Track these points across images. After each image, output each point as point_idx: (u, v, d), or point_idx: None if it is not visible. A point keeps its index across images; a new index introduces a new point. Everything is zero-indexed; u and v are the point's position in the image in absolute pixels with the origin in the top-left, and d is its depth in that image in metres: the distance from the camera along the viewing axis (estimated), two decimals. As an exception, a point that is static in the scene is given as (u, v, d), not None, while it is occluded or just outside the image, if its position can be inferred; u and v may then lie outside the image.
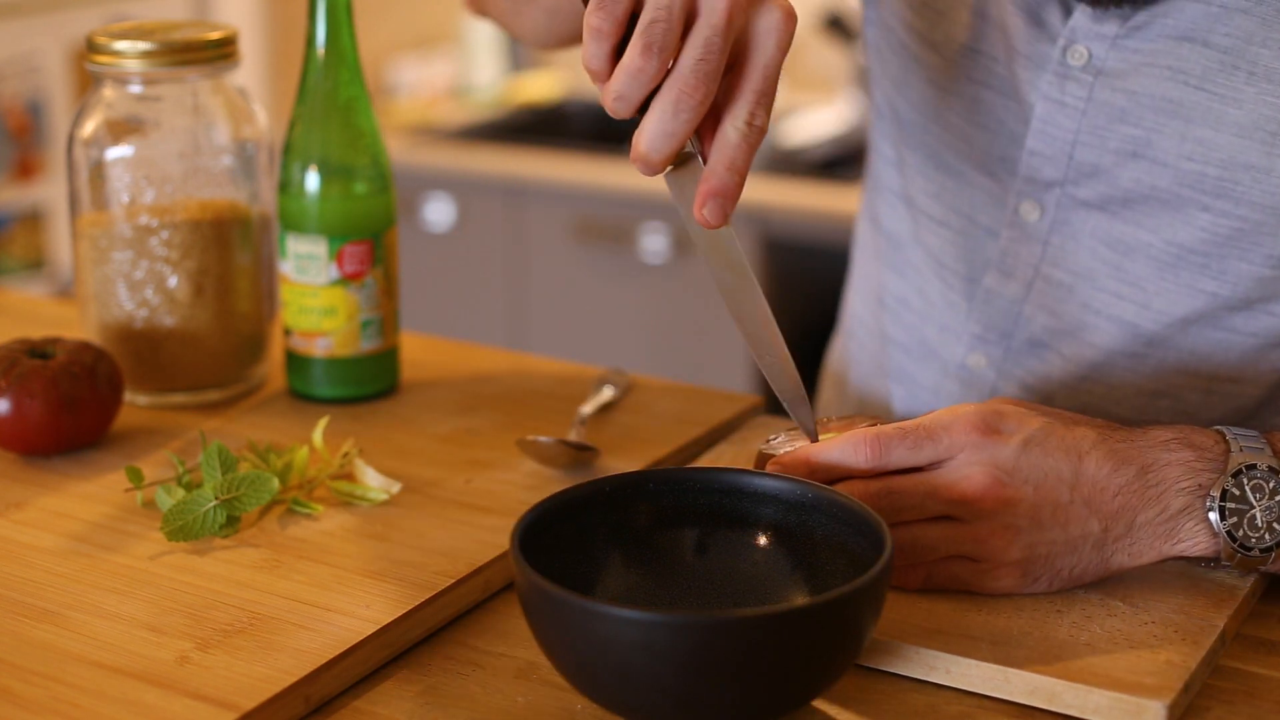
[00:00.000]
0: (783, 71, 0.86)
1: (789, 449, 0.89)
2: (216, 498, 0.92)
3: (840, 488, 0.84)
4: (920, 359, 1.18)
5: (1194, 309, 1.02)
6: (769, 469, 0.86)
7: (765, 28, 0.84)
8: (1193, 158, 0.98)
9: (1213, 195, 0.99)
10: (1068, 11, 1.02)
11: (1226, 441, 0.86)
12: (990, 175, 1.09)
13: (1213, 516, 0.84)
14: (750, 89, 0.84)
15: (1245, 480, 0.85)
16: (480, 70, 3.40)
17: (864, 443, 0.85)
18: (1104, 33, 1.00)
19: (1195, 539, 0.85)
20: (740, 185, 0.84)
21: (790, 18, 0.84)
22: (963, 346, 1.12)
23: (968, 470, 0.84)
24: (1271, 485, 0.85)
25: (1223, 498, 0.84)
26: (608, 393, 1.13)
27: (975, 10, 1.07)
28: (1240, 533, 0.84)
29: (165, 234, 1.10)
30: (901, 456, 0.85)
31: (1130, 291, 1.04)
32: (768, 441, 0.91)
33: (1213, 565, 0.87)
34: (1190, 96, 0.98)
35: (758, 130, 0.84)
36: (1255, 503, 0.85)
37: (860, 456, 0.85)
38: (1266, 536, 0.84)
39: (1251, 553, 0.84)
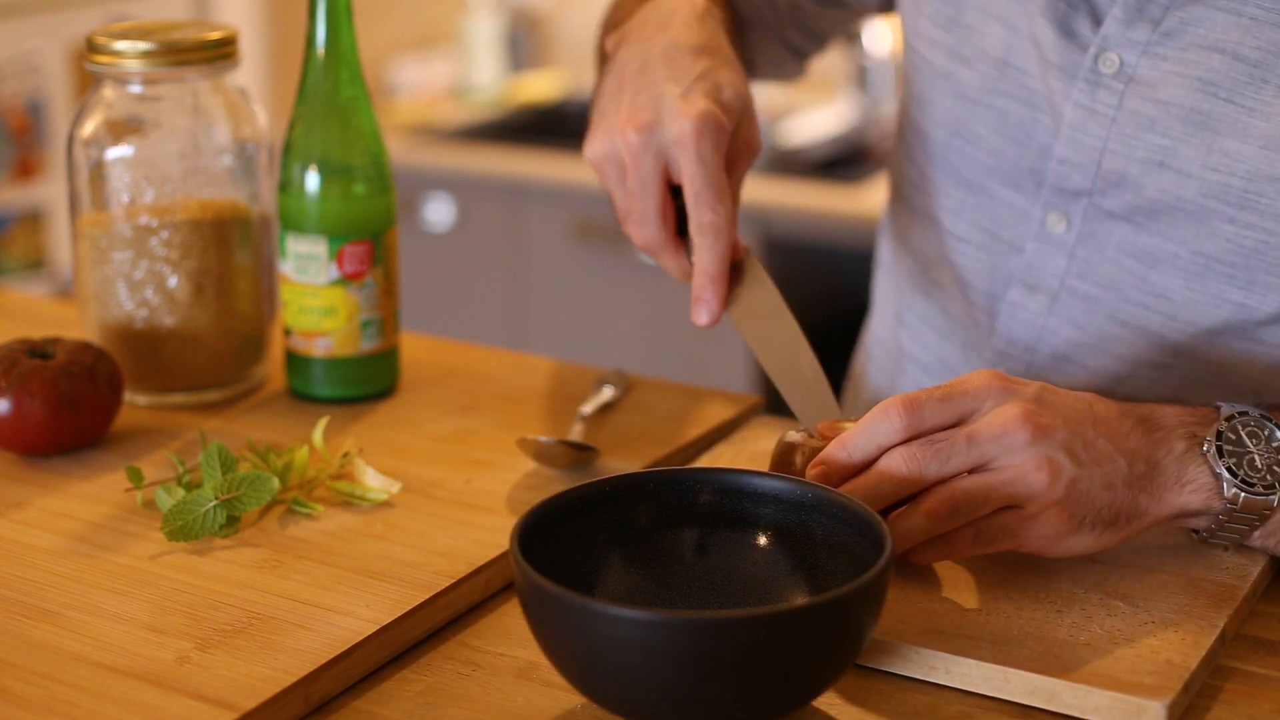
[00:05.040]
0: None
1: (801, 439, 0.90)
2: (216, 498, 0.92)
3: (886, 457, 0.84)
4: (939, 377, 1.18)
5: (1221, 319, 1.02)
6: (810, 470, 0.86)
7: (672, 143, 0.97)
8: (1218, 169, 0.99)
9: (1237, 207, 0.99)
10: (1097, 21, 1.03)
11: (1215, 404, 0.90)
12: (1016, 189, 1.09)
13: (1211, 456, 0.86)
14: (689, 196, 0.96)
15: (1239, 425, 0.87)
16: (480, 70, 3.40)
17: (895, 409, 0.84)
18: (1135, 39, 1.01)
19: (1199, 481, 0.86)
20: (716, 281, 0.95)
21: (697, 129, 0.96)
22: (984, 363, 1.12)
23: (1001, 409, 0.84)
24: (1266, 432, 0.87)
25: (1218, 438, 0.87)
26: (608, 393, 1.13)
27: (1006, 23, 1.07)
28: (1241, 472, 0.86)
29: (165, 234, 1.10)
30: (934, 412, 0.85)
31: (1157, 303, 1.04)
32: (786, 435, 0.91)
33: (1222, 523, 0.87)
34: (1218, 108, 0.98)
35: (708, 227, 0.95)
36: (1252, 446, 0.87)
37: (894, 421, 0.84)
38: (1269, 476, 0.86)
39: (1254, 489, 0.86)
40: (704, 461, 1.05)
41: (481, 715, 0.79)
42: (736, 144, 1.01)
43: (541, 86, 3.43)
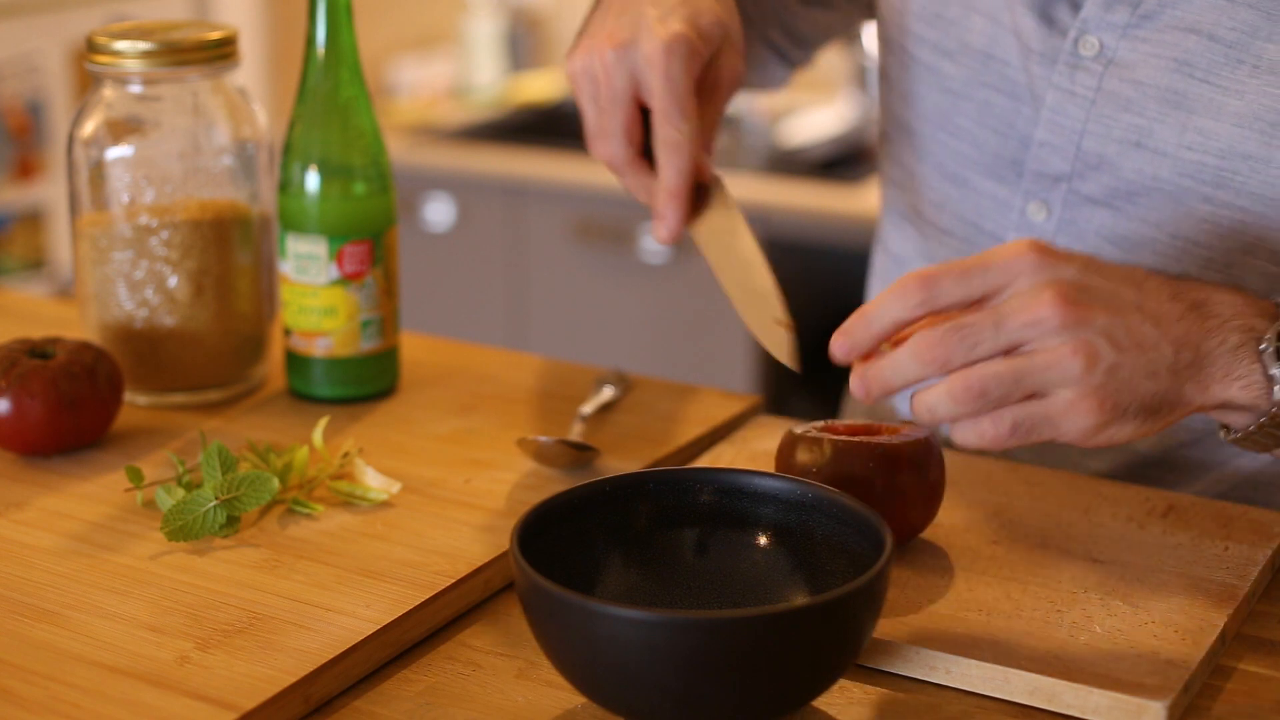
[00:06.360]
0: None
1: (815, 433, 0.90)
2: (216, 498, 0.92)
3: (909, 337, 0.80)
4: None
5: None
6: (834, 340, 0.83)
7: (643, 60, 0.97)
8: (1192, 147, 1.00)
9: (1213, 185, 1.00)
10: (1076, 6, 1.04)
11: (1276, 300, 0.86)
12: (998, 180, 1.10)
13: (1268, 356, 0.82)
14: (655, 113, 0.97)
15: None
16: (480, 70, 3.40)
17: (911, 285, 0.80)
18: (1114, 22, 1.02)
19: (1250, 378, 0.83)
20: (675, 196, 0.96)
21: (667, 48, 0.96)
22: None
23: (1035, 290, 0.79)
24: None
25: (1279, 339, 0.83)
26: (608, 393, 1.13)
27: (988, 16, 1.09)
28: None
29: (165, 234, 1.10)
30: (950, 289, 0.80)
31: None
32: (792, 430, 0.91)
33: (1262, 426, 0.84)
34: (1194, 88, 0.99)
35: (670, 144, 0.97)
36: None
37: (910, 298, 0.80)
38: None
39: None
40: (704, 461, 1.05)
41: (481, 715, 0.79)
42: (716, 73, 1.01)
43: (541, 86, 3.43)
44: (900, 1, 1.16)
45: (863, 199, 2.71)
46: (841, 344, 0.83)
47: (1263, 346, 0.83)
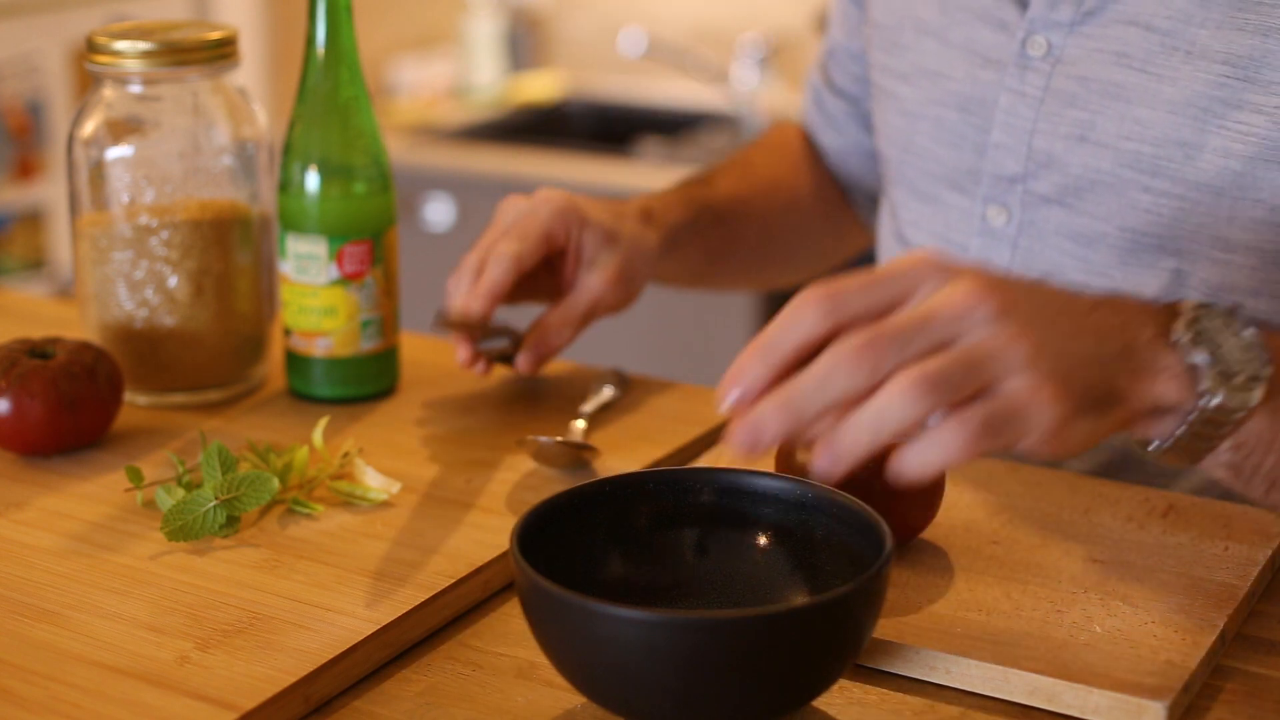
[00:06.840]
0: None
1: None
2: (216, 498, 0.92)
3: (830, 354, 0.72)
4: None
5: (1162, 286, 1.04)
6: (723, 385, 0.75)
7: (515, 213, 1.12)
8: (1130, 137, 1.02)
9: (1150, 174, 1.02)
10: (1024, 5, 1.08)
11: (1174, 300, 0.81)
12: (960, 191, 1.14)
13: (1183, 347, 0.78)
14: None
15: (1206, 318, 0.79)
16: (480, 70, 3.40)
17: (811, 298, 0.73)
18: (1059, 20, 1.05)
19: (1172, 370, 0.77)
20: (480, 287, 1.08)
21: (540, 195, 1.11)
22: None
23: (953, 287, 0.73)
24: (1234, 328, 0.79)
25: (1189, 326, 0.78)
26: (608, 393, 1.13)
27: (937, 36, 1.13)
28: (1221, 364, 0.78)
29: (165, 234, 1.10)
30: (856, 298, 0.73)
31: (1099, 280, 1.06)
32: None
33: (1192, 425, 0.78)
34: (1132, 79, 1.02)
35: (495, 254, 1.10)
36: (1222, 341, 0.78)
37: (811, 313, 0.72)
38: (1249, 368, 0.78)
39: (1234, 382, 0.77)
40: (704, 461, 1.05)
41: (481, 715, 0.79)
42: (582, 279, 1.11)
43: (541, 86, 3.43)
44: (869, 41, 1.22)
45: (863, 199, 2.71)
46: (734, 387, 0.74)
47: (1174, 338, 0.78)
